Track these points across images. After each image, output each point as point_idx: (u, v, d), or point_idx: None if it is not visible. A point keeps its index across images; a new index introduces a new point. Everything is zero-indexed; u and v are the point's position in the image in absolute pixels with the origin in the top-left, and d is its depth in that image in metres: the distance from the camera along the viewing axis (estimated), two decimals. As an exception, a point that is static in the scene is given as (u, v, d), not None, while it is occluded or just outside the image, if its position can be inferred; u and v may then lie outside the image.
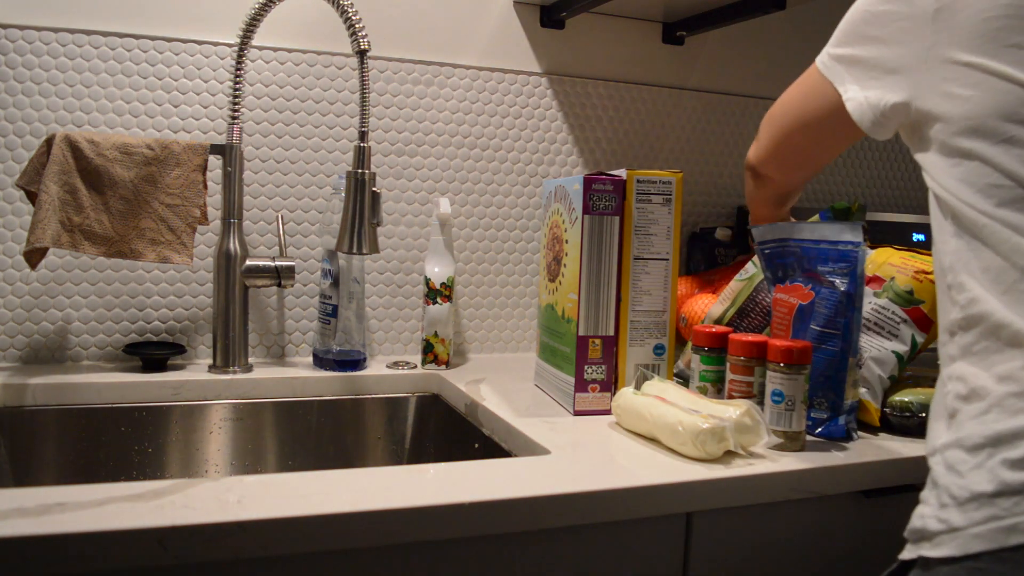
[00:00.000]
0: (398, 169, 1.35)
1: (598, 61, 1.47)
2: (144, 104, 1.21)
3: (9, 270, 1.16)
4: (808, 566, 0.90)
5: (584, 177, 1.02)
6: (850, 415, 0.96)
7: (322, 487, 0.73)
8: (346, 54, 1.31)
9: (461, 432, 1.12)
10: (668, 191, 1.05)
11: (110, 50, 1.19)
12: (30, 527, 0.61)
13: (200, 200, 1.15)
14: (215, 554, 0.65)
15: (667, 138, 1.53)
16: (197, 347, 1.26)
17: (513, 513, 0.74)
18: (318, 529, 0.68)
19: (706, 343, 1.00)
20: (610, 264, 1.03)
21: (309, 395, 1.20)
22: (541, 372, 1.17)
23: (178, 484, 0.71)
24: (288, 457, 1.19)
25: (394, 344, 1.37)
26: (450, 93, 1.37)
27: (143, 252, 1.12)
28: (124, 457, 1.11)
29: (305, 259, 1.31)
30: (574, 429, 0.97)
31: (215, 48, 1.24)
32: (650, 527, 0.82)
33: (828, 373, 0.95)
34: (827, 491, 0.87)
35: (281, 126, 1.28)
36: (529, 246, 1.45)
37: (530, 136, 1.43)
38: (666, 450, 0.89)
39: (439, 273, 1.26)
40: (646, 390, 0.98)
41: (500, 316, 1.44)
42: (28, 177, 1.09)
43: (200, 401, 1.15)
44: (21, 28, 1.15)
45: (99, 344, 1.21)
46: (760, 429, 0.88)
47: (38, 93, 1.16)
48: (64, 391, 1.09)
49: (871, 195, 1.73)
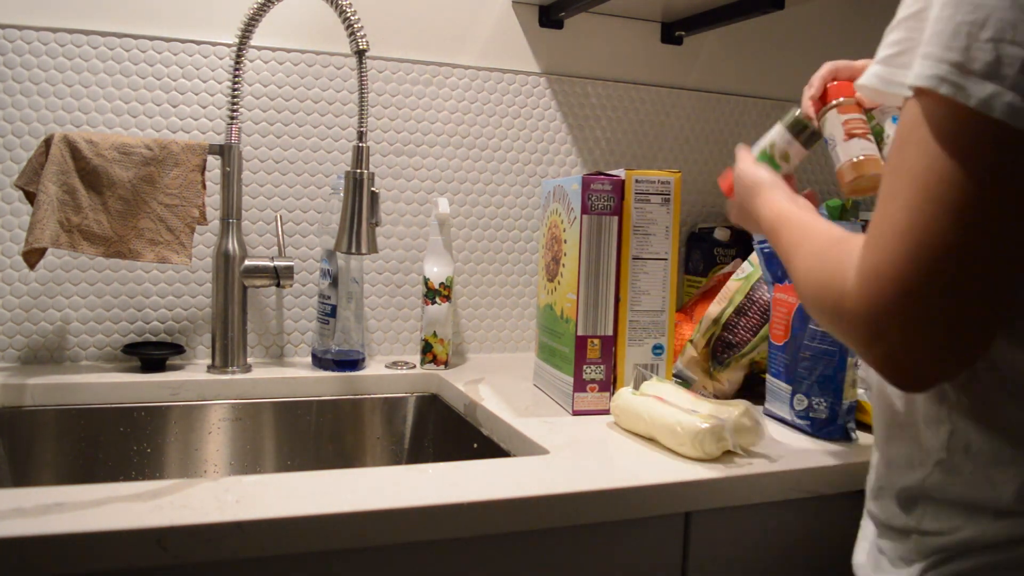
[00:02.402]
0: (397, 169, 1.35)
1: (597, 61, 1.47)
2: (143, 104, 1.21)
3: (8, 270, 1.16)
4: (807, 566, 0.90)
5: (582, 177, 1.02)
6: (849, 415, 0.97)
7: (321, 487, 0.73)
8: (345, 54, 1.31)
9: (460, 432, 1.12)
10: (667, 191, 1.05)
11: (109, 50, 1.19)
12: (29, 527, 0.61)
13: (199, 200, 1.15)
14: (214, 554, 0.65)
15: (666, 138, 1.53)
16: (196, 347, 1.26)
17: (512, 513, 0.74)
18: (317, 529, 0.68)
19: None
20: (608, 264, 1.03)
21: (308, 395, 1.20)
22: (540, 372, 1.17)
23: (177, 484, 0.71)
24: (287, 457, 1.19)
25: (393, 344, 1.37)
26: (449, 93, 1.37)
27: (142, 252, 1.12)
28: (123, 457, 1.11)
29: (304, 259, 1.31)
30: (573, 429, 0.97)
31: (214, 48, 1.24)
32: (649, 527, 0.82)
33: (827, 373, 0.96)
34: (826, 491, 0.87)
35: (280, 126, 1.28)
36: (528, 246, 1.45)
37: (529, 136, 1.43)
38: (665, 450, 0.89)
39: (438, 273, 1.26)
40: (644, 390, 0.98)
41: (499, 316, 1.44)
42: (26, 177, 1.09)
43: (199, 401, 1.15)
44: (20, 28, 1.15)
45: (98, 344, 1.21)
46: (759, 429, 0.88)
47: (37, 93, 1.16)
48: (63, 391, 1.09)
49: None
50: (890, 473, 0.66)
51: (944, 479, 0.61)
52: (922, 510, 0.62)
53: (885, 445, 0.68)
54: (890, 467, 0.66)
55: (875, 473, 0.70)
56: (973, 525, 0.58)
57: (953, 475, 0.60)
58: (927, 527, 0.62)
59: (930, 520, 0.62)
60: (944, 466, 0.61)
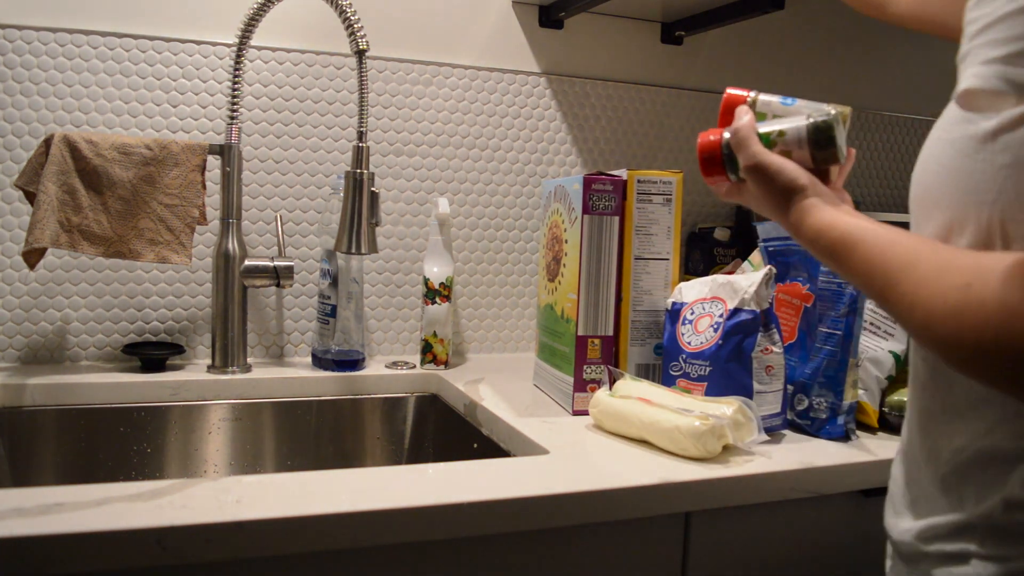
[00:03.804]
0: (397, 169, 1.35)
1: (597, 61, 1.47)
2: (143, 104, 1.21)
3: (8, 270, 1.16)
4: (807, 566, 0.90)
5: (584, 177, 1.02)
6: (849, 415, 0.97)
7: (321, 487, 0.73)
8: (345, 54, 1.31)
9: (460, 432, 1.12)
10: (669, 191, 1.05)
11: (108, 50, 1.19)
12: (29, 527, 0.61)
13: (199, 200, 1.15)
14: (214, 554, 0.65)
15: (666, 138, 1.53)
16: (196, 347, 1.26)
17: (512, 513, 0.74)
18: (317, 529, 0.67)
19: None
20: (609, 264, 1.03)
21: (308, 395, 1.20)
22: (540, 372, 1.17)
23: (177, 484, 0.71)
24: (287, 457, 1.19)
25: (393, 344, 1.37)
26: (449, 93, 1.37)
27: (142, 252, 1.12)
28: (123, 457, 1.11)
29: (304, 259, 1.31)
30: (573, 429, 0.97)
31: (214, 48, 1.24)
32: (649, 527, 0.82)
33: (828, 373, 0.96)
34: (826, 491, 0.87)
35: (280, 126, 1.28)
36: (528, 246, 1.45)
37: (529, 136, 1.43)
38: (662, 449, 0.89)
39: (438, 273, 1.26)
40: (620, 391, 0.97)
41: (499, 316, 1.44)
42: (26, 177, 1.09)
43: (199, 401, 1.15)
44: (20, 28, 1.15)
45: (98, 344, 1.21)
46: (751, 425, 0.88)
47: (37, 93, 1.16)
48: (63, 391, 1.09)
49: (870, 194, 1.73)
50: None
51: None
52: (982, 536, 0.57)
53: (940, 481, 0.61)
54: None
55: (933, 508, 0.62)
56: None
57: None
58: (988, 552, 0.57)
59: (993, 546, 0.57)
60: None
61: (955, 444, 0.60)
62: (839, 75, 1.67)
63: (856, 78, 1.69)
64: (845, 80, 1.67)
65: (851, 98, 1.68)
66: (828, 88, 1.64)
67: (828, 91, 1.63)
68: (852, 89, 1.68)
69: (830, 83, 1.65)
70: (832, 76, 1.66)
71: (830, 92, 1.63)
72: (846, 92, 1.67)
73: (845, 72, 1.68)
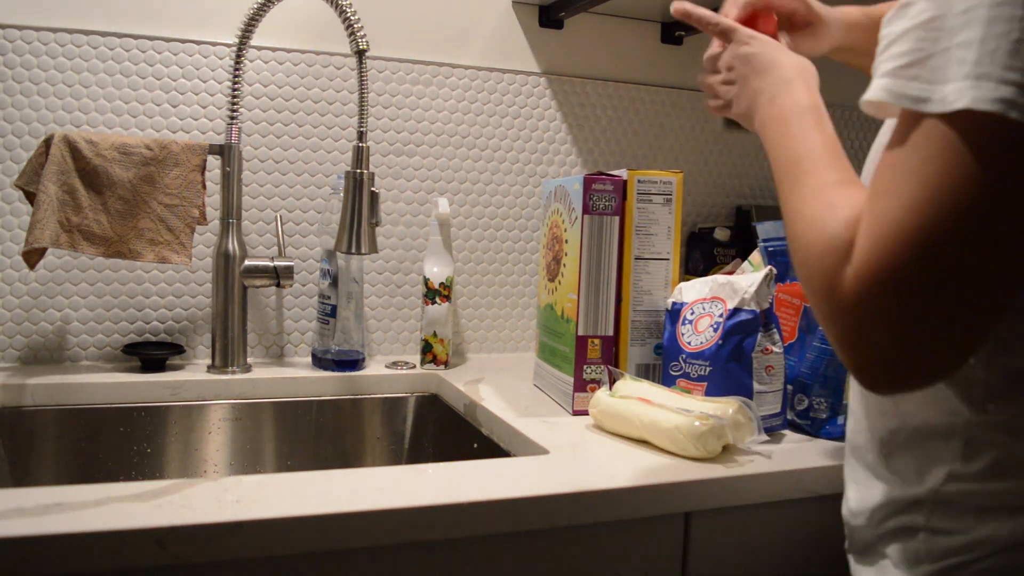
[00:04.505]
0: (397, 169, 1.35)
1: (597, 61, 1.47)
2: (143, 104, 1.21)
3: (8, 270, 1.16)
4: (807, 566, 0.90)
5: (584, 177, 1.02)
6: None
7: (321, 487, 0.73)
8: (345, 54, 1.31)
9: (460, 432, 1.12)
10: (669, 191, 1.05)
11: (108, 50, 1.19)
12: (29, 527, 0.61)
13: (199, 200, 1.15)
14: (214, 554, 0.65)
15: (666, 138, 1.53)
16: (196, 347, 1.26)
17: (512, 513, 0.74)
18: (316, 529, 0.67)
19: None
20: (609, 264, 1.03)
21: (308, 395, 1.20)
22: (540, 372, 1.17)
23: (177, 484, 0.71)
24: (287, 457, 1.19)
25: (393, 344, 1.37)
26: (449, 93, 1.37)
27: (142, 252, 1.12)
28: (123, 457, 1.11)
29: (304, 259, 1.31)
30: (573, 429, 0.97)
31: (214, 48, 1.24)
32: (649, 527, 0.82)
33: (828, 373, 0.96)
34: (826, 491, 0.87)
35: (280, 126, 1.28)
36: (528, 246, 1.45)
37: (529, 136, 1.43)
38: (662, 450, 0.89)
39: (438, 273, 1.26)
40: (620, 391, 0.97)
41: (499, 316, 1.44)
42: (27, 177, 1.09)
43: (199, 401, 1.15)
44: (20, 28, 1.15)
45: (98, 344, 1.21)
46: (752, 426, 0.88)
47: (36, 93, 1.16)
48: (63, 391, 1.09)
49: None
50: (892, 490, 0.65)
51: (958, 487, 0.59)
52: (929, 511, 0.61)
53: (884, 462, 0.65)
54: (892, 484, 0.65)
55: (874, 493, 0.67)
56: (985, 525, 0.57)
57: (966, 482, 0.59)
58: (936, 526, 0.60)
59: (939, 519, 0.60)
60: (957, 476, 0.59)
61: (891, 425, 0.64)
62: (839, 74, 1.66)
63: (856, 77, 1.68)
64: (845, 79, 1.67)
65: (851, 96, 1.67)
66: (828, 88, 1.64)
67: (828, 91, 1.63)
68: (852, 88, 1.68)
69: (830, 83, 1.64)
70: (832, 75, 1.66)
71: (830, 92, 1.63)
72: (846, 91, 1.67)
73: (845, 71, 1.68)
